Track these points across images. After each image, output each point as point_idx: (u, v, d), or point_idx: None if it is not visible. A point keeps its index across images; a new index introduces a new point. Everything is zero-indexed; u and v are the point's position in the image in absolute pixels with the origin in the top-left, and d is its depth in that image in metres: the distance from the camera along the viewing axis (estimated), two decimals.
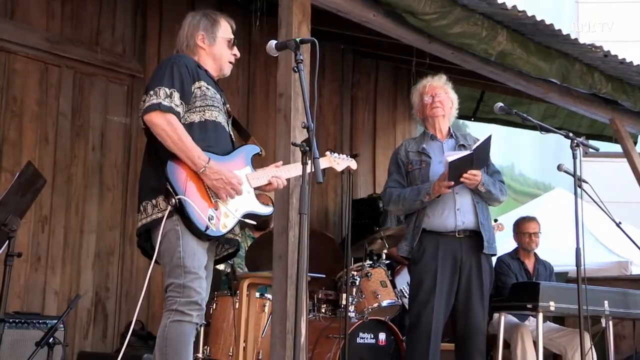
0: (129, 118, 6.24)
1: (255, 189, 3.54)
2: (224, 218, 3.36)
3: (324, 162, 3.82)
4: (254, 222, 3.56)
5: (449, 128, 4.77)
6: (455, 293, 4.52)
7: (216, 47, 3.60)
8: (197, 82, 3.43)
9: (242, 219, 3.44)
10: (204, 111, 3.42)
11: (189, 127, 3.37)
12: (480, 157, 4.47)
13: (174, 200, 3.23)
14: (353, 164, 4.07)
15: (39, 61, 5.80)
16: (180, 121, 3.31)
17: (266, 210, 3.56)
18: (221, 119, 3.50)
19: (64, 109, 5.91)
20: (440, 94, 4.70)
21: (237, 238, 3.56)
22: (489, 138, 4.47)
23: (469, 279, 4.51)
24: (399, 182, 4.66)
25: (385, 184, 4.78)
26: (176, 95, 3.32)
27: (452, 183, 4.39)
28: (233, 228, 3.44)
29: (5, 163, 5.56)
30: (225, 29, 3.64)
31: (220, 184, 3.31)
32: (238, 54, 3.69)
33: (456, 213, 4.51)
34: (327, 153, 3.95)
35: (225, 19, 3.67)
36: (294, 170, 3.66)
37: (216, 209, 3.33)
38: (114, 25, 6.26)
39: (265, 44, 3.36)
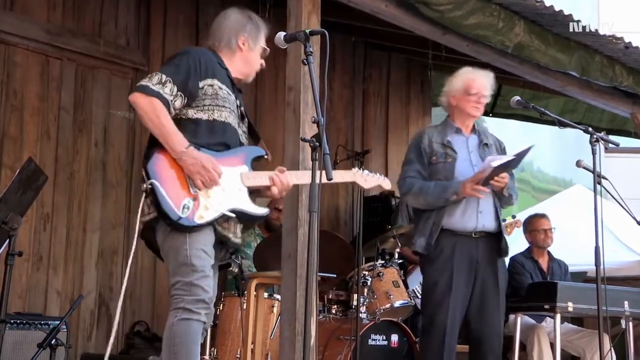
0: (132, 112, 6.12)
1: (253, 190, 3.40)
2: (202, 210, 3.22)
3: (346, 176, 3.67)
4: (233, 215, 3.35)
5: (474, 123, 4.66)
6: (470, 294, 4.41)
7: (253, 53, 3.59)
8: (208, 79, 3.36)
9: (228, 213, 3.28)
10: (212, 110, 3.35)
11: (196, 124, 3.31)
12: (515, 163, 4.42)
13: (144, 185, 3.15)
14: (386, 184, 3.83)
15: (40, 54, 5.71)
16: (169, 109, 3.24)
17: (259, 211, 3.40)
18: (232, 119, 3.43)
19: (66, 103, 5.82)
20: (486, 96, 4.55)
21: (237, 240, 3.43)
22: (530, 148, 4.39)
23: (484, 280, 4.42)
24: (419, 173, 4.47)
25: (403, 172, 4.57)
26: (170, 85, 3.26)
27: (488, 190, 4.30)
28: (216, 220, 3.26)
29: (5, 159, 5.48)
30: (263, 37, 3.62)
31: (195, 169, 3.20)
32: (264, 64, 3.65)
33: (478, 215, 4.40)
34: (354, 169, 3.74)
35: (265, 26, 3.64)
36: (302, 177, 3.51)
37: (194, 200, 3.21)
38: (116, 16, 6.17)
39: (274, 36, 3.30)
